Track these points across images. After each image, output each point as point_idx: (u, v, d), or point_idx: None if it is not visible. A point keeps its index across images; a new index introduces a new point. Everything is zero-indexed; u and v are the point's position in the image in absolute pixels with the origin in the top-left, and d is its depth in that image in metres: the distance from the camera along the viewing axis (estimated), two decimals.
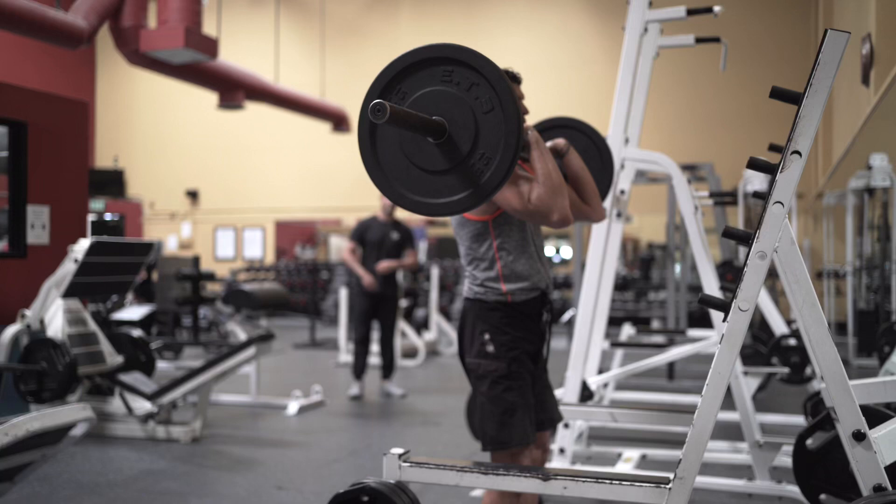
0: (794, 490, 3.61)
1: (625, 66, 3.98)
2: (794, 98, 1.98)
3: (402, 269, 7.00)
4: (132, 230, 16.64)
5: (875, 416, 2.71)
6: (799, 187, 10.00)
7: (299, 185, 16.91)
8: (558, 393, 4.13)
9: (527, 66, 16.03)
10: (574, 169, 2.67)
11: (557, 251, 19.77)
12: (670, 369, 7.74)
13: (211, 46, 9.60)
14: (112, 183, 17.61)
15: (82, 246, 5.28)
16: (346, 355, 9.45)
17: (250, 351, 5.25)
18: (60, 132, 6.31)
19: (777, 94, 2.03)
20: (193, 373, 5.31)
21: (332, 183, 16.71)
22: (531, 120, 2.84)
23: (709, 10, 4.05)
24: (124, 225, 16.44)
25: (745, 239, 2.04)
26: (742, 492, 3.87)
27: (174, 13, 9.23)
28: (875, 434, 1.98)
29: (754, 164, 2.05)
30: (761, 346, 6.50)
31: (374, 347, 8.40)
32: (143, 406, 5.38)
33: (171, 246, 17.43)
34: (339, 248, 22.55)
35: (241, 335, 8.34)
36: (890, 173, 8.09)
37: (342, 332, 9.51)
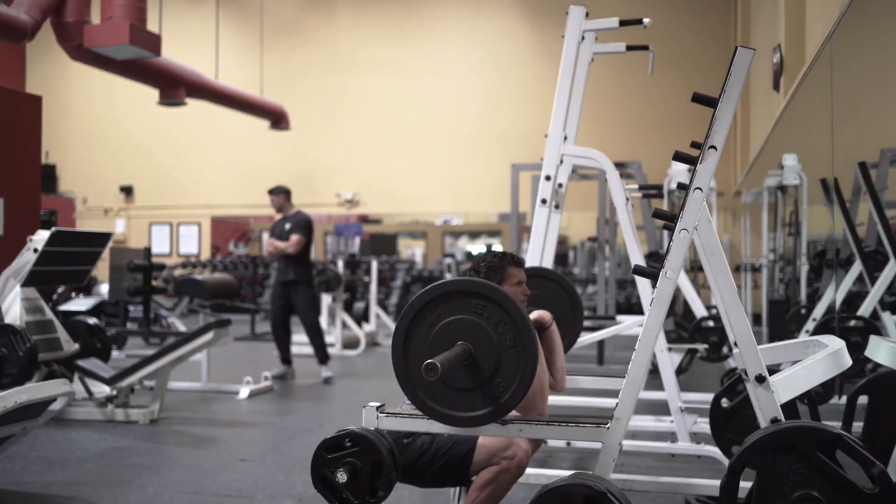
0: (711, 450, 4.07)
1: (564, 70, 4.39)
2: (711, 102, 2.39)
3: (286, 251, 7.54)
4: (64, 226, 16.47)
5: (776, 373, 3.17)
6: (718, 185, 10.59)
7: (236, 181, 16.98)
8: None
9: (464, 65, 16.33)
10: (551, 343, 2.99)
11: (489, 249, 20.30)
12: (600, 355, 8.23)
13: (155, 43, 9.72)
14: (43, 178, 17.37)
15: (42, 236, 5.43)
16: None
17: (208, 336, 5.50)
18: (14, 126, 6.43)
19: (697, 98, 2.44)
20: (152, 357, 5.54)
21: (268, 180, 16.70)
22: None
23: (639, 21, 4.49)
24: (56, 221, 16.28)
25: (671, 219, 2.45)
26: (666, 453, 4.32)
27: (118, 9, 9.33)
28: (774, 379, 2.41)
29: (679, 157, 2.46)
30: (683, 331, 7.02)
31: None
32: (102, 390, 5.58)
33: None
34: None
35: (181, 328, 8.53)
36: (800, 172, 8.73)
37: None
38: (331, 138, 16.44)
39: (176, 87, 11.45)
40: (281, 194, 7.72)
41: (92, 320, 6.17)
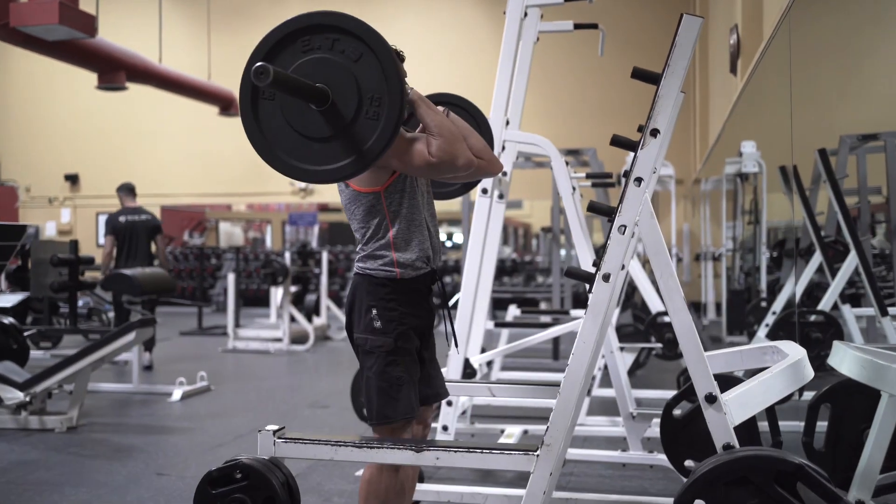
0: (664, 459, 3.77)
1: (505, 49, 4.06)
2: (654, 78, 2.07)
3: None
4: (6, 216, 15.81)
5: (730, 383, 2.88)
6: (678, 173, 10.26)
7: (186, 169, 16.42)
8: (443, 372, 4.20)
9: (419, 52, 15.96)
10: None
11: (450, 237, 19.98)
12: (555, 350, 7.94)
13: (88, 24, 9.19)
14: None
15: None
16: (234, 341, 9.30)
17: (129, 336, 5.10)
18: None
19: (638, 74, 2.12)
20: (69, 360, 5.13)
21: (221, 168, 16.31)
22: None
23: None
24: None
25: (609, 213, 2.12)
26: (617, 462, 4.03)
27: None
28: (726, 397, 2.11)
29: (617, 142, 2.14)
30: (642, 324, 6.75)
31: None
32: (14, 396, 5.15)
33: (49, 232, 16.67)
34: (230, 234, 22.11)
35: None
36: (759, 159, 8.50)
37: (230, 318, 9.36)
38: None
39: (115, 70, 10.90)
40: (118, 192, 7.96)
41: (7, 320, 5.74)
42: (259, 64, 1.83)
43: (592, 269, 2.17)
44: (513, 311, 6.61)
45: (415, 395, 2.52)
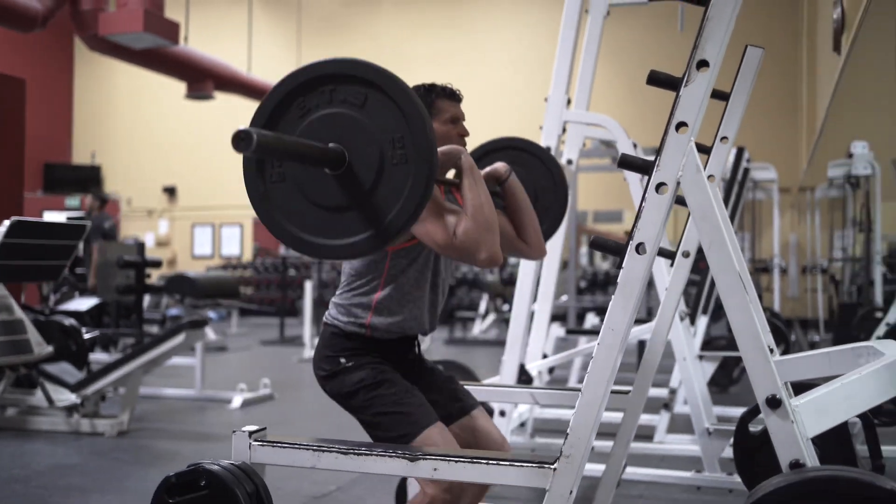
0: None
1: (567, 18, 3.67)
2: None
3: None
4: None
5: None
6: (783, 180, 9.35)
7: None
8: (495, 379, 3.81)
9: (511, 59, 15.45)
10: (513, 198, 2.34)
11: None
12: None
13: (172, 31, 9.28)
14: (89, 180, 17.27)
15: (1, 228, 4.95)
16: (310, 351, 9.11)
17: (179, 338, 4.90)
18: None
19: None
20: (119, 362, 4.97)
21: None
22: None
23: None
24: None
25: (645, 169, 1.71)
26: (692, 484, 3.54)
27: None
28: (797, 402, 1.65)
29: (655, 79, 1.72)
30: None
31: None
32: (66, 398, 5.03)
33: (148, 243, 17.08)
34: None
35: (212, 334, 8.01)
36: (871, 161, 7.75)
37: (307, 328, 9.18)
38: None
39: (202, 79, 11.01)
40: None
41: (68, 321, 5.67)
42: (240, 130, 1.49)
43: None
44: (592, 320, 6.14)
45: (423, 403, 2.16)
